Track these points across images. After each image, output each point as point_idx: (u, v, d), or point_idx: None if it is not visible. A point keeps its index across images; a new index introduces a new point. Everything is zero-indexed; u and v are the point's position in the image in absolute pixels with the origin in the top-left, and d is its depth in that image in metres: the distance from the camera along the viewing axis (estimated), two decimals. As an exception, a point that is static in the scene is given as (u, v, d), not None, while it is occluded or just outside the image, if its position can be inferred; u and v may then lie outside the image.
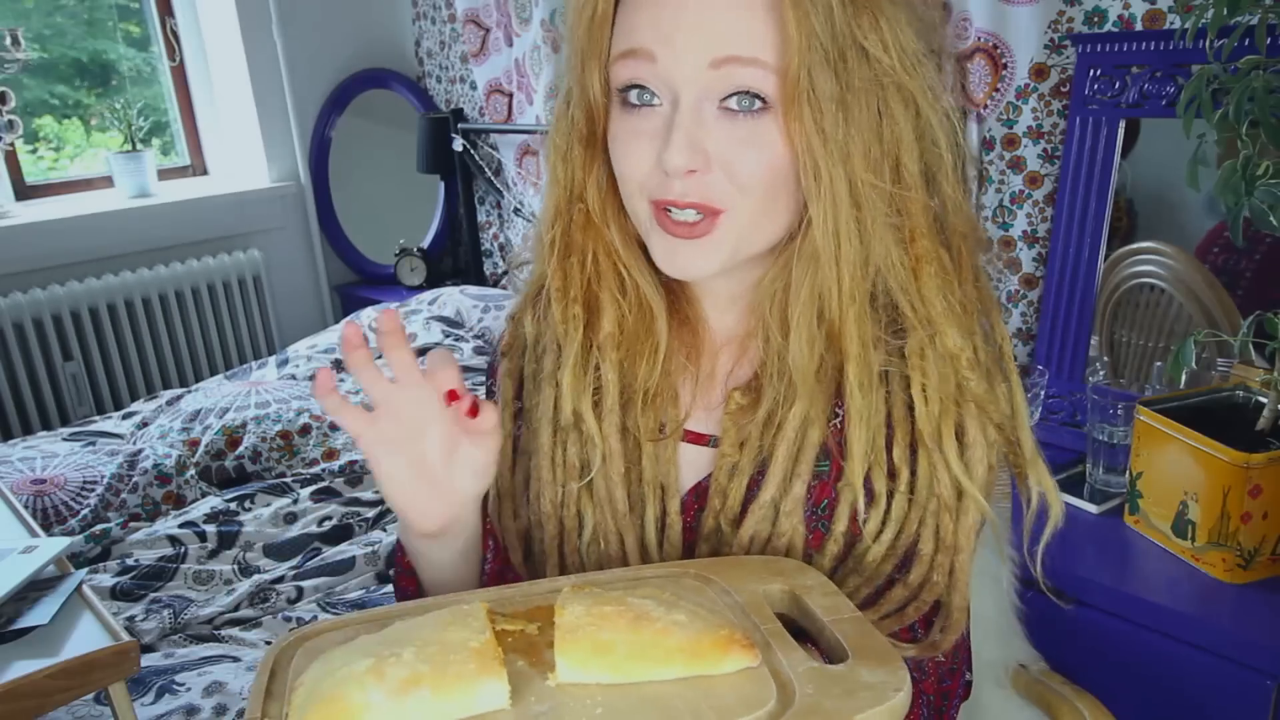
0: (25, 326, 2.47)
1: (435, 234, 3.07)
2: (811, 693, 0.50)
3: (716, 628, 0.53)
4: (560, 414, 0.71)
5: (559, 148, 0.68)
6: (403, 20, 3.10)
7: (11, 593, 1.10)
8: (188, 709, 1.31)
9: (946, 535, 0.66)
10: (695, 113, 0.60)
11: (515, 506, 0.76)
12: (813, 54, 0.57)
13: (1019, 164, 1.83)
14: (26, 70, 2.58)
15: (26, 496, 1.76)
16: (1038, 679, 1.08)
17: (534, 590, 0.62)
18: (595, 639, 0.51)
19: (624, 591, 0.56)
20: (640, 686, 0.51)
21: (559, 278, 0.70)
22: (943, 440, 0.64)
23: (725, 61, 0.58)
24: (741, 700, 0.49)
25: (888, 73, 0.59)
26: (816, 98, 0.57)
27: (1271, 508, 1.20)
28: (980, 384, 0.64)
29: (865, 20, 0.58)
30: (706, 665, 0.51)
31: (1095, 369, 1.67)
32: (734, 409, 0.69)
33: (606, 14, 0.63)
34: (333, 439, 2.07)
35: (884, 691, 0.50)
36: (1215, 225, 1.56)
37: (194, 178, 2.99)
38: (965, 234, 0.65)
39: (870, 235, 0.61)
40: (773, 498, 0.66)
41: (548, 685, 0.51)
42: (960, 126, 0.63)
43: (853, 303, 0.62)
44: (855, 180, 0.59)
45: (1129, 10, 1.64)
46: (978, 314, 0.66)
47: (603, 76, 0.64)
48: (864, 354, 0.63)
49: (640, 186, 0.64)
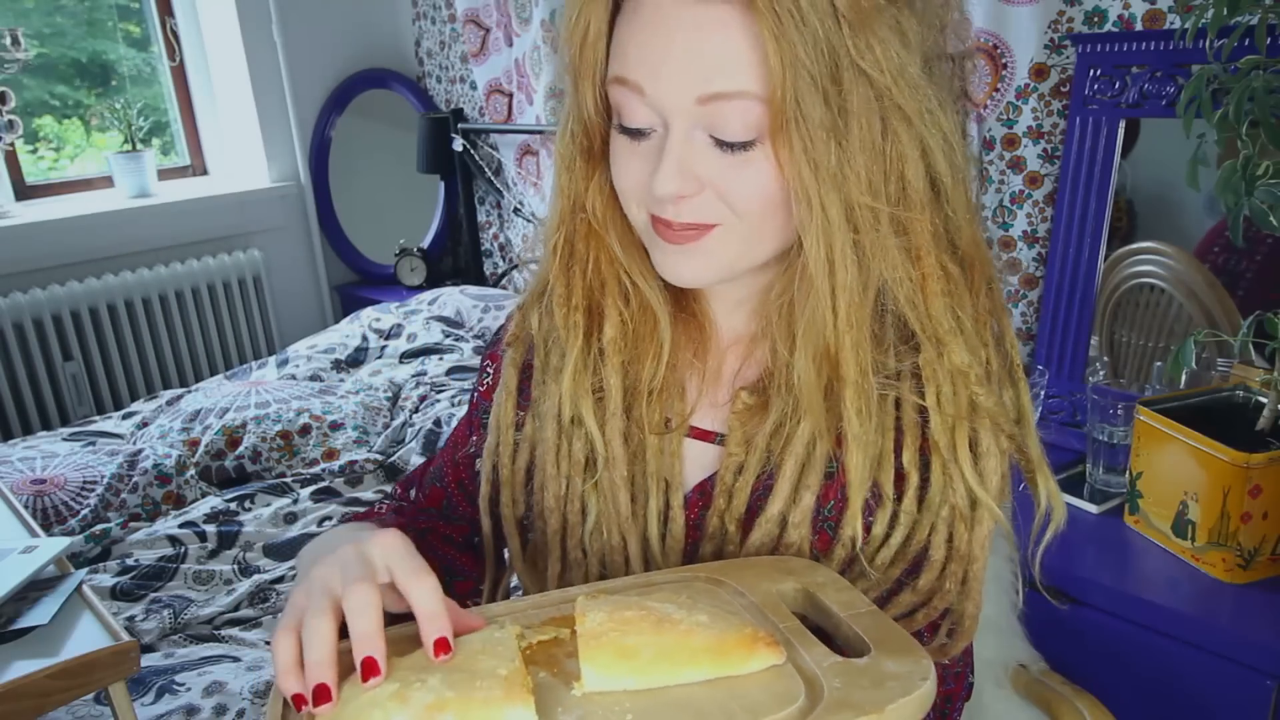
0: (25, 326, 2.47)
1: (435, 234, 3.07)
2: (840, 686, 0.49)
3: (740, 627, 0.52)
4: (562, 415, 0.72)
5: (563, 157, 0.69)
6: (403, 20, 3.10)
7: (11, 593, 1.10)
8: (188, 709, 1.31)
9: (960, 544, 0.66)
10: (686, 140, 0.60)
11: (514, 495, 0.76)
12: (799, 82, 0.55)
13: (1019, 164, 1.83)
14: (26, 70, 2.58)
15: (26, 496, 1.76)
16: (1038, 679, 1.08)
17: (546, 601, 0.61)
18: (620, 644, 0.50)
19: (641, 596, 0.55)
20: (668, 690, 0.50)
21: (561, 285, 0.71)
22: (957, 451, 0.64)
23: (710, 99, 0.58)
24: (772, 698, 0.49)
25: (885, 93, 0.57)
26: (806, 125, 0.56)
27: (1271, 508, 1.20)
28: (991, 397, 0.64)
29: (860, 41, 0.56)
30: (733, 665, 0.51)
31: (1095, 369, 1.67)
32: (741, 408, 0.69)
33: (600, 33, 0.62)
34: (332, 439, 2.07)
35: (911, 681, 0.49)
36: (1215, 225, 1.56)
37: (194, 178, 2.99)
38: (976, 245, 0.64)
39: (870, 258, 0.60)
40: (780, 510, 0.66)
41: (573, 695, 0.50)
42: (963, 140, 0.62)
43: (850, 329, 0.61)
44: (852, 204, 0.59)
45: (1129, 10, 1.64)
46: (990, 323, 0.65)
47: (597, 95, 0.64)
48: (862, 380, 0.62)
49: (638, 201, 0.64)
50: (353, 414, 2.14)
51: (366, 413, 2.17)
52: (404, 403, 2.24)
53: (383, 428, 2.15)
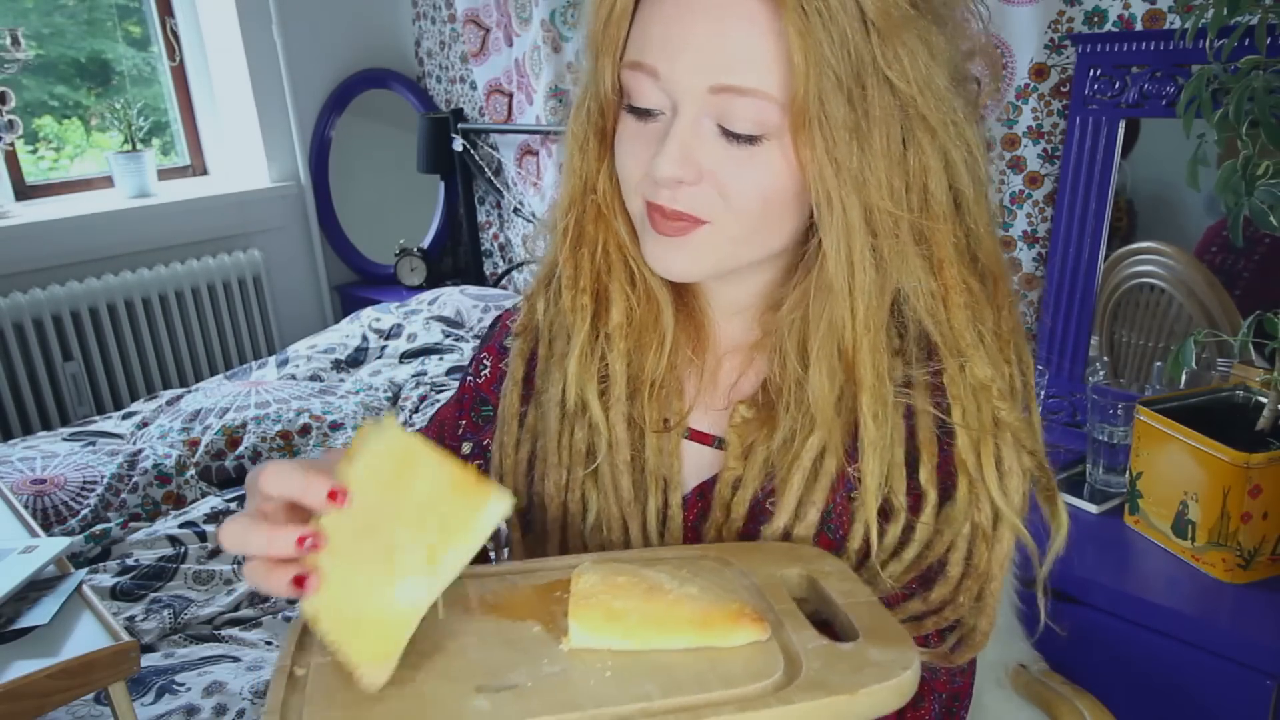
0: (25, 326, 2.47)
1: (435, 234, 3.07)
2: (819, 667, 0.50)
3: (727, 601, 0.54)
4: (566, 400, 0.71)
5: (576, 136, 0.68)
6: (403, 20, 3.10)
7: (11, 593, 1.10)
8: (188, 709, 1.31)
9: (979, 562, 0.65)
10: (693, 126, 0.60)
11: (516, 485, 0.76)
12: (824, 81, 0.55)
13: (1019, 164, 1.83)
14: (26, 70, 2.58)
15: (26, 496, 1.76)
16: (1038, 679, 1.08)
17: (553, 564, 0.63)
18: (608, 606, 0.52)
19: (640, 566, 0.57)
20: (650, 654, 0.52)
21: (570, 267, 0.71)
22: (983, 468, 0.64)
23: (724, 90, 0.58)
24: (748, 671, 0.50)
25: (910, 103, 0.57)
26: (829, 125, 0.56)
27: (1271, 508, 1.20)
28: (1014, 413, 0.64)
29: (888, 50, 0.56)
30: (716, 637, 0.52)
31: (1095, 369, 1.67)
32: (739, 422, 0.69)
33: (625, 11, 0.62)
34: (332, 439, 2.07)
35: (891, 669, 0.50)
36: (1215, 225, 1.56)
37: (194, 178, 2.99)
38: (998, 261, 0.64)
39: (888, 263, 0.60)
40: (785, 525, 0.66)
41: (560, 649, 0.52)
42: (986, 156, 0.62)
43: (867, 331, 0.61)
44: (873, 208, 0.58)
45: (1129, 10, 1.64)
46: (1012, 341, 0.65)
47: (614, 74, 0.64)
48: (878, 385, 0.62)
49: (636, 187, 0.64)
50: (353, 414, 2.14)
51: (366, 413, 2.17)
52: (404, 403, 2.24)
53: (383, 428, 2.15)
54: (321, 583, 0.50)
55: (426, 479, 0.52)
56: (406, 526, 0.51)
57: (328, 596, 0.50)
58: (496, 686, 0.49)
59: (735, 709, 0.47)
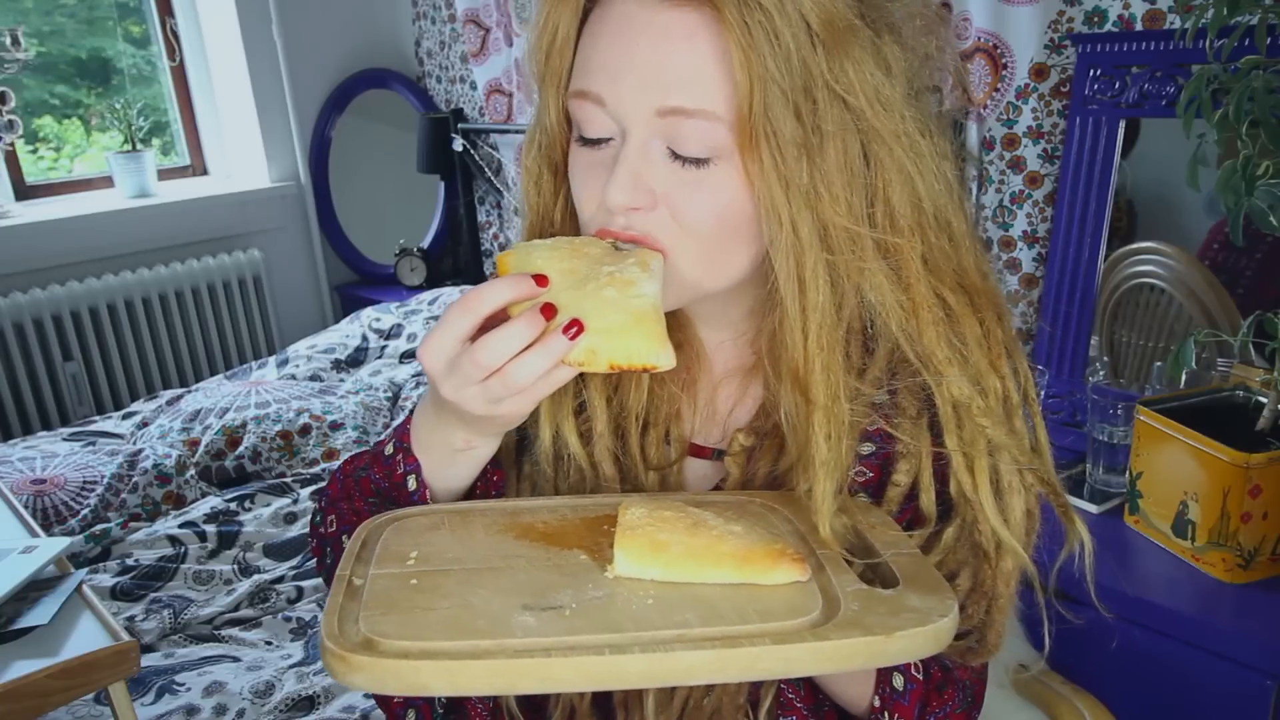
0: (25, 326, 2.47)
1: (435, 234, 3.07)
2: (857, 609, 0.51)
3: (770, 541, 0.55)
4: (542, 440, 0.69)
5: (530, 172, 0.68)
6: (403, 20, 3.10)
7: (11, 593, 1.10)
8: (188, 709, 1.31)
9: (985, 582, 0.65)
10: (643, 150, 0.58)
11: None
12: (769, 96, 0.54)
13: (1019, 164, 1.83)
14: (26, 70, 2.58)
15: (26, 496, 1.76)
16: (1038, 679, 1.08)
17: (602, 500, 0.66)
18: (653, 538, 0.54)
19: (685, 503, 0.60)
20: (693, 587, 0.53)
21: None
22: (978, 489, 0.62)
23: (670, 112, 0.57)
24: (787, 607, 0.52)
25: (861, 116, 0.56)
26: (776, 141, 0.55)
27: (1271, 508, 1.20)
28: (999, 429, 0.62)
29: (835, 63, 0.55)
30: (756, 573, 0.54)
31: (1095, 369, 1.67)
32: (737, 450, 0.68)
33: (568, 39, 0.61)
34: (332, 439, 2.07)
35: (929, 615, 0.51)
36: (1215, 225, 1.56)
37: (194, 178, 2.99)
38: (981, 275, 0.62)
39: (845, 281, 0.59)
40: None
41: (605, 576, 0.54)
42: (956, 169, 0.61)
43: (820, 351, 0.59)
44: (828, 224, 0.57)
45: (1129, 10, 1.64)
46: (1004, 356, 0.63)
47: (559, 106, 0.63)
48: (832, 405, 0.60)
49: (592, 218, 0.63)
50: (353, 414, 2.14)
51: (366, 413, 2.17)
52: (404, 403, 2.24)
53: (383, 428, 2.15)
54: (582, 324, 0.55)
55: (591, 242, 0.60)
56: (609, 263, 0.57)
57: (591, 330, 0.55)
58: (542, 606, 0.51)
59: (771, 641, 0.49)
